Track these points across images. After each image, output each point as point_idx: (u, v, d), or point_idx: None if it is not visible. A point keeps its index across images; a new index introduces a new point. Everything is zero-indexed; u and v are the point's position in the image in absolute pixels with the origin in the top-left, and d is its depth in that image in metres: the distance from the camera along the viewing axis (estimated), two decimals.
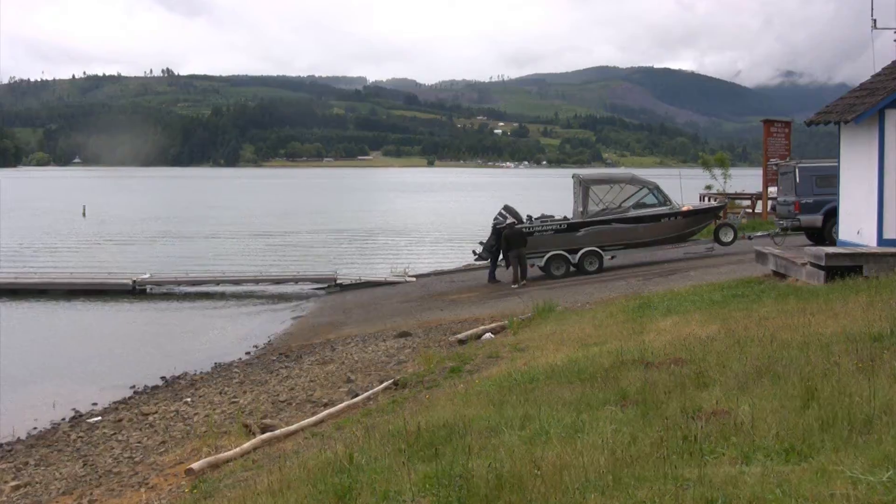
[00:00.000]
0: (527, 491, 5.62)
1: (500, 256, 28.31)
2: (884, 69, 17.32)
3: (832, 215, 22.94)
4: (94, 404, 16.79)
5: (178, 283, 32.80)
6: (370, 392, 13.58)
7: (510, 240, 27.07)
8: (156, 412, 15.24)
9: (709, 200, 40.57)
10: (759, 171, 41.25)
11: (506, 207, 28.90)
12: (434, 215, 77.67)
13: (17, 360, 21.13)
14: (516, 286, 26.56)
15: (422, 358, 15.81)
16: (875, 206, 16.07)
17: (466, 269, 34.69)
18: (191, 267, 37.09)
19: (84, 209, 76.18)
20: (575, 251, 27.91)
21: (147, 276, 33.01)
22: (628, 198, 28.62)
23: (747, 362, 8.76)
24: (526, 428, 7.48)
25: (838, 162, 18.00)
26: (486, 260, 29.11)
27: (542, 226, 28.21)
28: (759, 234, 33.24)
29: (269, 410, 14.13)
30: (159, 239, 54.96)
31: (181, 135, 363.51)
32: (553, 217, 29.06)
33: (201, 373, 19.21)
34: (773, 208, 33.75)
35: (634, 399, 8.09)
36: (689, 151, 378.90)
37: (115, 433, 14.18)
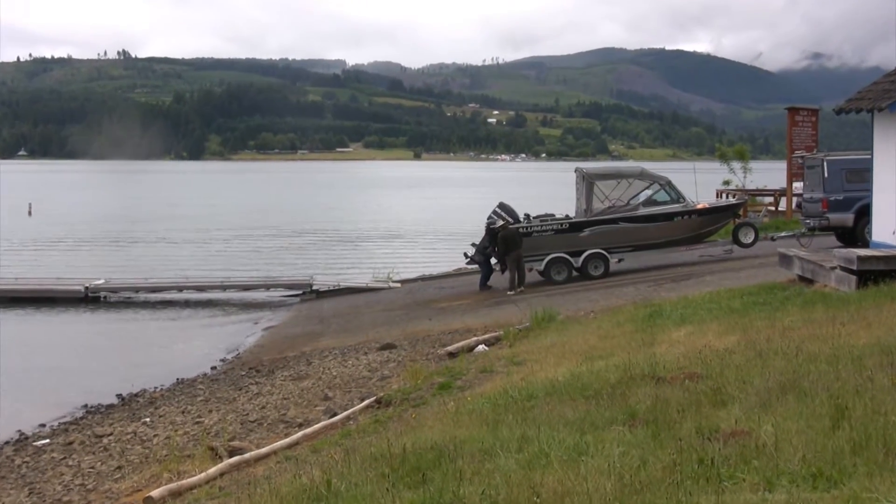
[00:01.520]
0: None
1: (495, 260, 28.30)
2: None
3: (864, 214, 22.98)
4: (42, 425, 16.71)
5: (136, 290, 32.72)
6: (350, 411, 13.55)
7: (506, 241, 27.00)
8: (111, 434, 15.18)
9: (727, 197, 40.66)
10: (782, 165, 41.33)
11: (501, 205, 28.86)
12: (421, 214, 77.70)
13: None
14: (512, 293, 26.53)
15: (407, 373, 15.79)
16: None
17: (457, 273, 34.66)
18: (150, 272, 37.04)
19: (30, 207, 75.95)
20: (578, 254, 27.89)
21: (101, 281, 32.91)
22: (637, 194, 28.64)
23: (770, 377, 8.75)
24: (524, 450, 7.46)
25: (871, 154, 18.04)
26: (479, 264, 29.07)
27: (542, 226, 28.20)
28: (782, 234, 33.32)
29: (238, 431, 14.08)
30: (115, 240, 54.84)
31: (139, 124, 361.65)
32: (553, 216, 29.06)
33: (162, 389, 19.13)
34: (799, 206, 33.81)
35: (644, 418, 8.08)
36: (704, 143, 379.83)
37: (65, 457, 14.10)
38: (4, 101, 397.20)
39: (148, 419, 16.03)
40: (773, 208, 41.00)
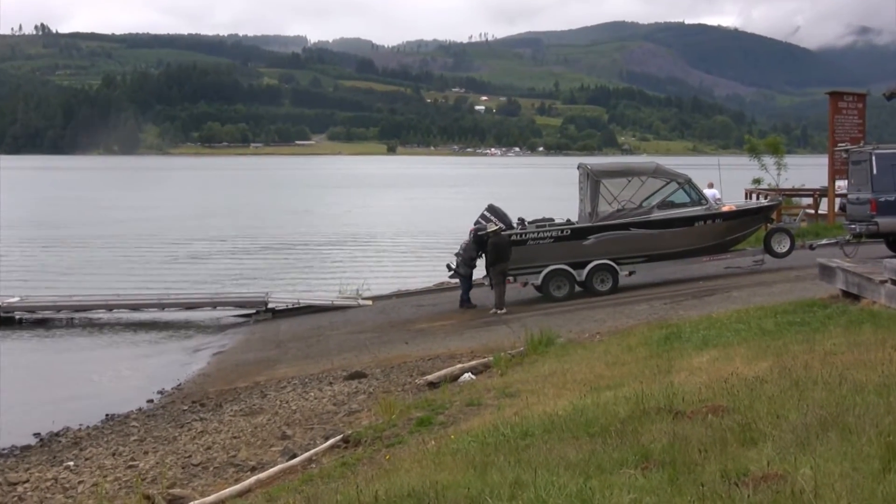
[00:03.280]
0: None
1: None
2: None
3: None
4: None
5: (58, 309, 32.57)
6: (312, 452, 13.53)
7: (497, 250, 26.99)
8: (27, 481, 15.09)
9: (758, 198, 40.82)
10: (823, 160, 41.56)
11: (490, 208, 28.88)
12: (396, 219, 77.66)
13: None
14: (502, 311, 26.55)
15: (380, 406, 15.76)
16: None
17: (439, 289, 34.67)
18: (74, 287, 36.86)
19: None
20: (581, 265, 27.90)
21: (16, 299, 32.78)
22: (651, 195, 28.65)
23: (808, 411, 8.77)
24: (517, 498, 7.46)
25: None
26: (462, 278, 28.99)
27: (538, 232, 28.19)
28: (823, 241, 33.40)
29: (179, 477, 14.04)
30: (32, 250, 54.64)
31: (62, 112, 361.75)
32: (552, 221, 29.09)
33: (88, 427, 19.04)
34: (843, 208, 33.98)
35: (660, 460, 8.09)
36: (731, 134, 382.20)
37: None
38: None
39: (72, 463, 15.95)
40: (811, 211, 41.16)
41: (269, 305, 32.37)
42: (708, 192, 38.03)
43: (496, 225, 27.55)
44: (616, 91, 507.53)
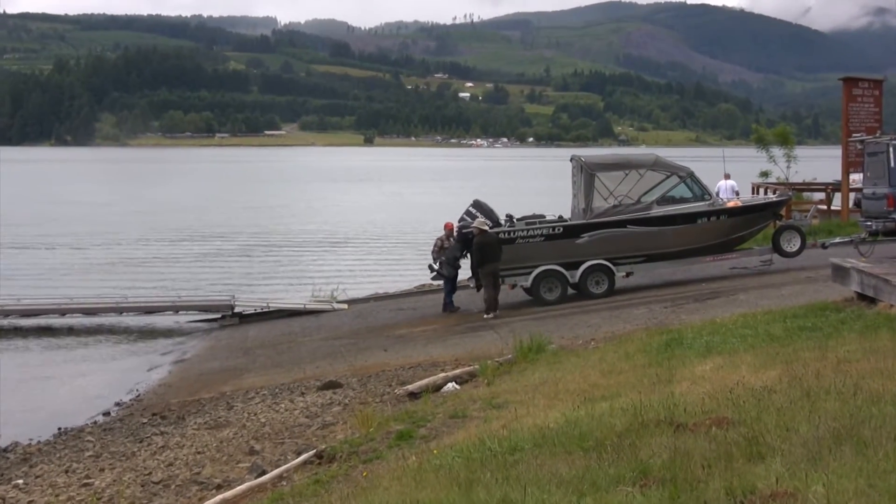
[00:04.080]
0: None
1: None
2: None
3: None
4: None
5: (5, 314, 32.48)
6: (283, 468, 13.53)
7: (483, 250, 26.94)
8: None
9: (765, 193, 40.93)
10: (836, 151, 41.68)
11: (476, 204, 28.84)
12: (374, 216, 77.62)
13: None
14: (490, 316, 26.55)
15: (357, 419, 15.76)
16: None
17: (420, 291, 34.71)
18: (23, 290, 36.76)
19: None
20: (575, 265, 27.91)
21: None
22: (650, 189, 28.68)
23: (820, 423, 8.80)
24: None
25: None
26: (445, 279, 28.99)
27: (528, 230, 28.18)
28: (836, 240, 33.44)
29: (138, 496, 14.03)
30: None
31: (9, 99, 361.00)
32: (543, 217, 29.08)
33: (39, 442, 19.00)
34: (857, 203, 34.03)
35: (660, 476, 8.10)
36: (737, 123, 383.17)
37: None
38: None
39: (21, 481, 15.92)
40: (824, 207, 41.26)
41: (236, 309, 32.33)
42: (725, 183, 38.17)
43: (484, 222, 27.38)
44: (612, 77, 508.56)
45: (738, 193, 37.93)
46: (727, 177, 38.39)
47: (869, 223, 27.95)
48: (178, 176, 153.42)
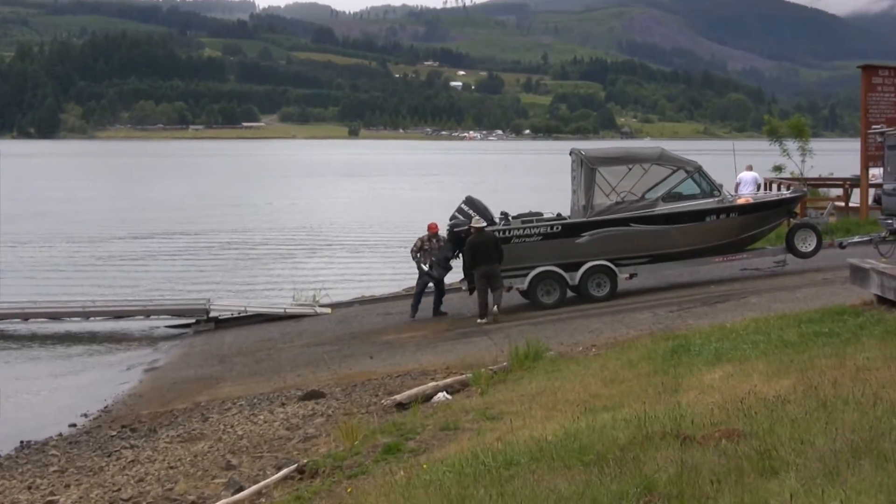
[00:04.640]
0: None
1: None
2: None
3: None
4: None
5: None
6: (261, 484, 13.52)
7: (476, 250, 26.90)
8: None
9: (779, 189, 40.96)
10: (855, 144, 41.71)
11: (468, 201, 28.82)
12: (359, 214, 77.69)
13: None
14: (484, 321, 26.54)
15: (341, 431, 15.76)
16: None
17: (408, 294, 34.69)
18: None
19: None
20: (574, 266, 27.92)
21: None
22: (655, 185, 28.69)
23: (838, 436, 8.80)
24: None
25: None
26: (436, 281, 28.99)
27: (524, 229, 28.17)
28: (855, 239, 33.50)
29: None
30: None
31: None
32: (541, 215, 29.06)
33: (0, 456, 18.98)
34: (877, 200, 34.10)
35: (665, 492, 8.10)
36: (748, 114, 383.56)
37: None
38: None
39: None
40: (841, 204, 41.29)
41: (212, 314, 32.28)
42: (747, 175, 38.26)
43: (479, 221, 27.28)
44: (614, 64, 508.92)
45: (760, 186, 37.99)
46: (749, 168, 38.49)
47: (889, 221, 28.02)
48: (149, 171, 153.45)
